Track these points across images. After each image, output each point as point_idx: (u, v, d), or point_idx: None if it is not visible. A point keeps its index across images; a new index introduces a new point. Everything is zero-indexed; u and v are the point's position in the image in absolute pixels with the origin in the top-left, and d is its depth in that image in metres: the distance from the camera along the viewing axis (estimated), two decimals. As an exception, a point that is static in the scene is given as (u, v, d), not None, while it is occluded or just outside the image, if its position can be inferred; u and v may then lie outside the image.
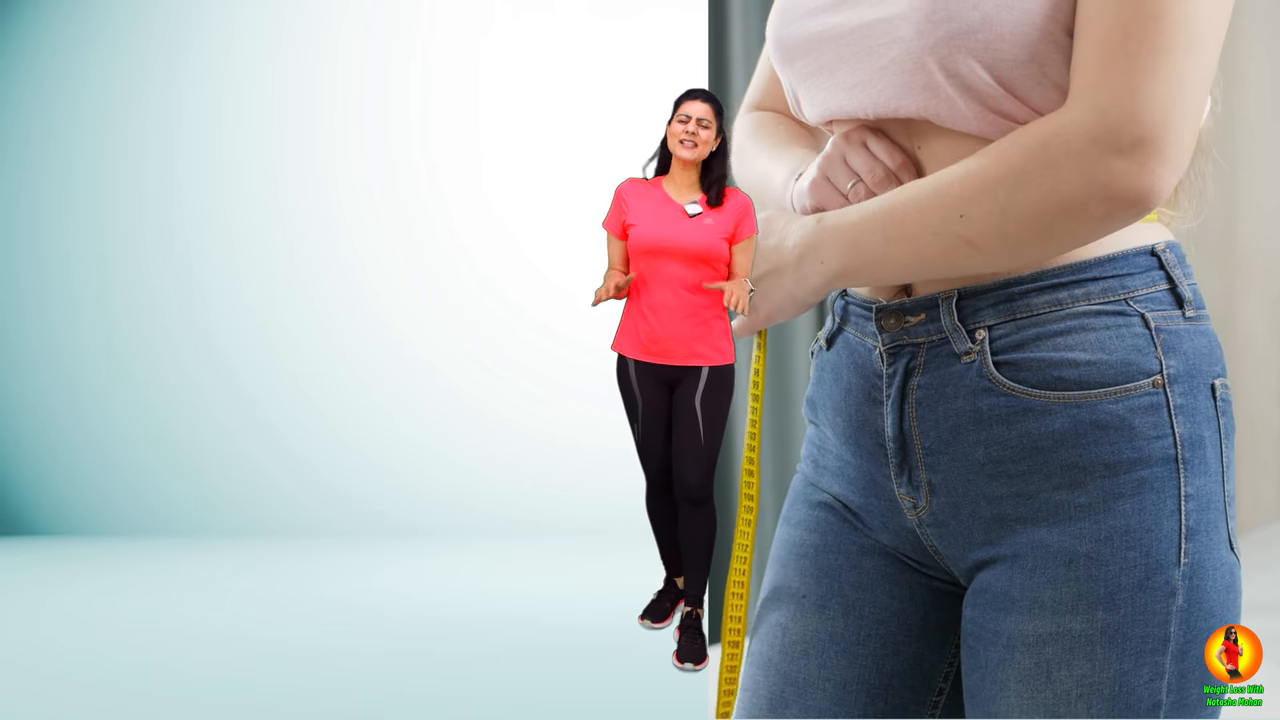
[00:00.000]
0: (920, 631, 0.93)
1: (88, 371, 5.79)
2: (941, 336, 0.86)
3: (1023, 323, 0.83)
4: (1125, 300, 0.82)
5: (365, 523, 5.48)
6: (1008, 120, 0.81)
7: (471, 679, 2.70)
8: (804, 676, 0.95)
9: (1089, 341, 0.82)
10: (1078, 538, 0.81)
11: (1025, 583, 0.82)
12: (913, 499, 0.89)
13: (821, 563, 0.96)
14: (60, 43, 5.84)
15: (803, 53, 0.91)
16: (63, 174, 5.84)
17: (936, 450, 0.87)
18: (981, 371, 0.84)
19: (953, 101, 0.81)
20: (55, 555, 4.80)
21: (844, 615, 0.94)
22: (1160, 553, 0.79)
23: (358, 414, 5.71)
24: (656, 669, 2.74)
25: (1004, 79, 0.80)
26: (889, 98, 0.85)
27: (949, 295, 0.86)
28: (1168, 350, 0.82)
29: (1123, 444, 0.81)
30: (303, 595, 3.82)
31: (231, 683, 2.68)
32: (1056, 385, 0.82)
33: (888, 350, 0.89)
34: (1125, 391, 0.81)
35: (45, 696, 2.57)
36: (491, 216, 5.75)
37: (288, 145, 5.81)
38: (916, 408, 0.87)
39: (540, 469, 5.54)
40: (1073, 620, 0.80)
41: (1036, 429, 0.82)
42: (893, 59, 0.83)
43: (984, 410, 0.84)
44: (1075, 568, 0.81)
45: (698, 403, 2.73)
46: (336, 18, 5.82)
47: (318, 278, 5.78)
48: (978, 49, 0.79)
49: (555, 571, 4.28)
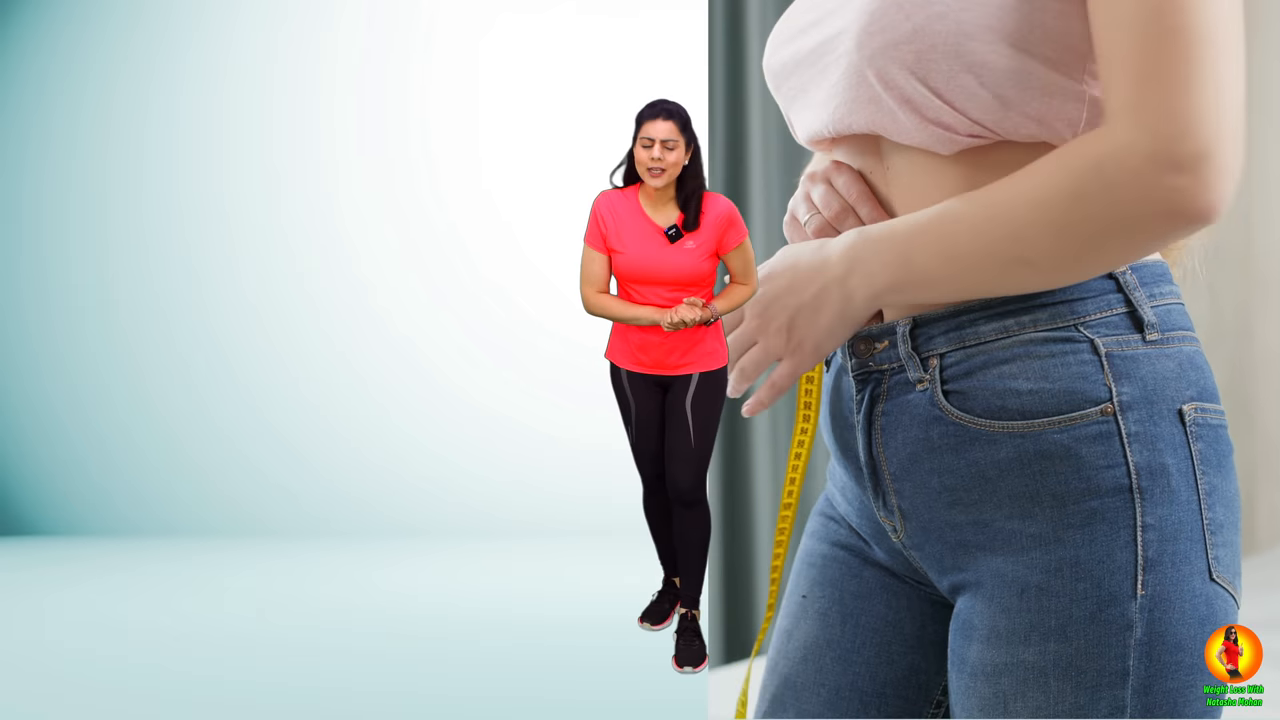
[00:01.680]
0: (916, 643, 0.94)
1: (88, 371, 5.79)
2: (899, 364, 0.87)
3: (971, 350, 0.83)
4: (1074, 326, 0.81)
5: (365, 523, 5.48)
6: (948, 132, 0.80)
7: (471, 679, 2.70)
8: (801, 680, 0.96)
9: (1033, 370, 0.81)
10: (1029, 567, 0.80)
11: (984, 611, 0.82)
12: (891, 522, 0.90)
13: (827, 572, 0.97)
14: (60, 43, 5.84)
15: (785, 77, 0.93)
16: (63, 174, 5.84)
17: (900, 477, 0.87)
18: (933, 400, 0.84)
19: (895, 114, 0.82)
20: (55, 555, 4.80)
21: (842, 623, 0.95)
22: (1113, 585, 0.78)
23: (357, 414, 5.71)
24: (656, 669, 2.74)
25: (938, 90, 0.79)
26: (842, 114, 0.86)
27: (905, 323, 0.86)
28: (1119, 377, 0.80)
29: (1070, 474, 0.79)
30: (302, 595, 3.82)
31: (231, 683, 2.67)
32: (1001, 414, 0.81)
33: (856, 377, 0.90)
34: (1071, 421, 0.80)
35: (45, 696, 2.57)
36: (491, 216, 5.75)
37: (287, 145, 5.81)
38: (882, 434, 0.88)
39: (540, 469, 5.54)
40: (1025, 651, 0.80)
41: (983, 458, 0.82)
42: (840, 74, 0.85)
43: (935, 439, 0.84)
44: (1027, 598, 0.80)
45: (688, 406, 2.72)
46: (336, 18, 5.81)
47: (318, 277, 5.78)
48: (909, 60, 0.79)
49: (555, 572, 4.28)
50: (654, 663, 2.79)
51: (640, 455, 2.88)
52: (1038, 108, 0.80)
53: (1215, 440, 0.82)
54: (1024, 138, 0.80)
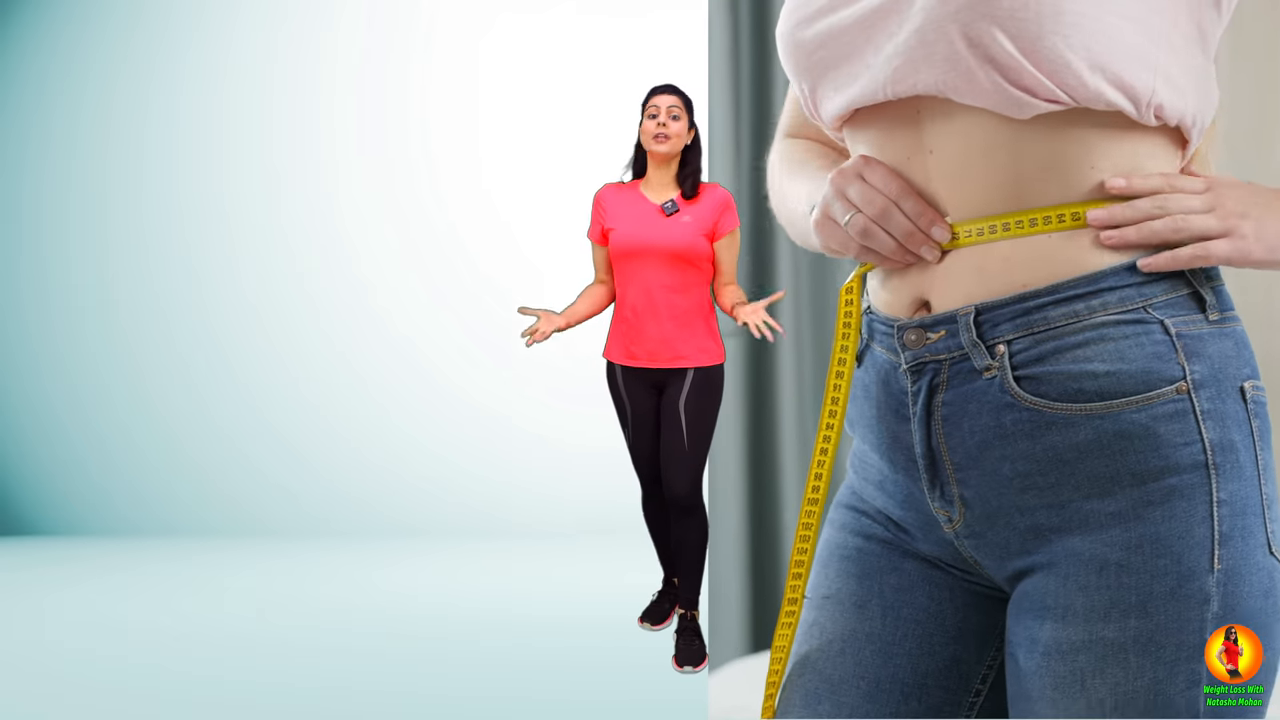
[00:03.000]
0: (958, 634, 0.93)
1: (88, 371, 5.79)
2: (962, 353, 0.86)
3: (1041, 336, 0.83)
4: (1143, 308, 0.82)
5: (365, 523, 5.48)
6: (1027, 94, 0.79)
7: (471, 679, 2.70)
8: (839, 675, 0.95)
9: (1108, 352, 0.81)
10: (1109, 545, 0.81)
11: (1059, 590, 0.83)
12: (947, 513, 0.89)
13: (863, 564, 0.96)
14: (60, 43, 5.84)
15: (820, 45, 0.90)
16: (63, 174, 5.84)
17: (965, 465, 0.87)
18: (1003, 387, 0.84)
19: (972, 73, 0.80)
20: (55, 555, 4.80)
21: (882, 616, 0.94)
22: (1192, 560, 0.79)
23: (357, 414, 5.71)
24: (656, 669, 2.74)
25: (1027, 50, 0.78)
26: (906, 73, 0.84)
27: (967, 311, 0.85)
28: (1190, 355, 0.81)
29: (1149, 453, 0.80)
30: (302, 595, 3.82)
31: (231, 683, 2.67)
32: (1077, 397, 0.81)
33: (910, 367, 0.89)
34: (1148, 400, 0.80)
35: (45, 696, 2.57)
36: (491, 216, 5.75)
37: (287, 145, 5.81)
38: (943, 424, 0.87)
39: (540, 470, 5.54)
40: (1105, 628, 0.80)
41: (1061, 442, 0.82)
42: (913, 31, 0.82)
43: (1008, 425, 0.84)
44: (1107, 575, 0.80)
45: (682, 406, 2.70)
46: (336, 18, 5.81)
47: (318, 277, 5.78)
48: (1001, 16, 0.78)
49: (555, 572, 4.27)
50: (654, 663, 2.79)
51: (637, 457, 2.87)
52: (1121, 75, 0.79)
53: (1266, 417, 0.84)
54: (1103, 106, 0.80)
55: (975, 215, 0.85)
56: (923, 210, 0.86)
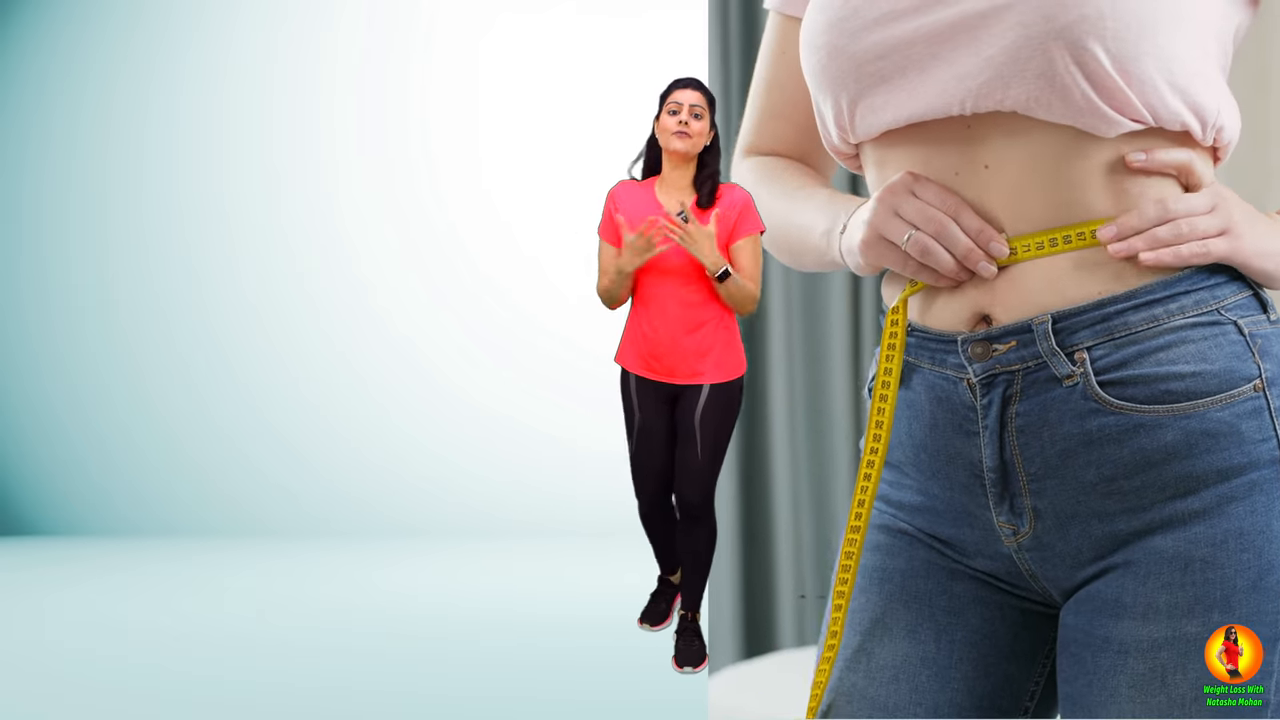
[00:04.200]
0: (1011, 652, 0.94)
1: (88, 371, 5.79)
2: (1039, 362, 0.86)
3: (1121, 341, 0.84)
4: (1217, 310, 0.84)
5: (365, 523, 5.48)
6: (1118, 113, 0.81)
7: (471, 679, 2.70)
8: (894, 703, 0.94)
9: (1191, 353, 0.83)
10: (1193, 543, 0.82)
11: (1138, 589, 0.83)
12: (1013, 525, 0.89)
13: (910, 588, 0.95)
14: (60, 43, 5.85)
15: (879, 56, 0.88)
16: (63, 174, 5.84)
17: (1042, 475, 0.87)
18: (1086, 393, 0.85)
19: (1068, 91, 0.81)
20: (55, 555, 4.80)
21: (936, 639, 0.94)
22: (1273, 552, 0.81)
23: (357, 414, 5.71)
24: (656, 669, 2.74)
25: (1122, 70, 0.80)
26: (994, 88, 0.83)
27: (1043, 320, 0.86)
28: (1263, 354, 0.84)
29: (1233, 449, 0.82)
30: (302, 595, 3.82)
31: (231, 683, 2.67)
32: (1165, 399, 0.83)
33: (980, 381, 0.88)
34: (1230, 398, 0.83)
35: (45, 696, 2.57)
36: (491, 216, 5.75)
37: (287, 145, 5.81)
38: (1018, 435, 0.87)
39: (540, 469, 5.54)
40: (1189, 624, 0.81)
41: (1149, 444, 0.83)
42: (1005, 47, 0.82)
43: (1094, 431, 0.84)
44: (1191, 572, 0.82)
45: (697, 420, 2.62)
46: (336, 18, 5.82)
47: (318, 277, 5.78)
48: (1105, 35, 0.79)
49: (555, 572, 4.28)
50: (654, 663, 2.79)
51: (638, 469, 2.75)
52: (1195, 97, 0.82)
53: None
54: (1178, 127, 0.83)
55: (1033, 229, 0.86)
56: (982, 227, 0.87)
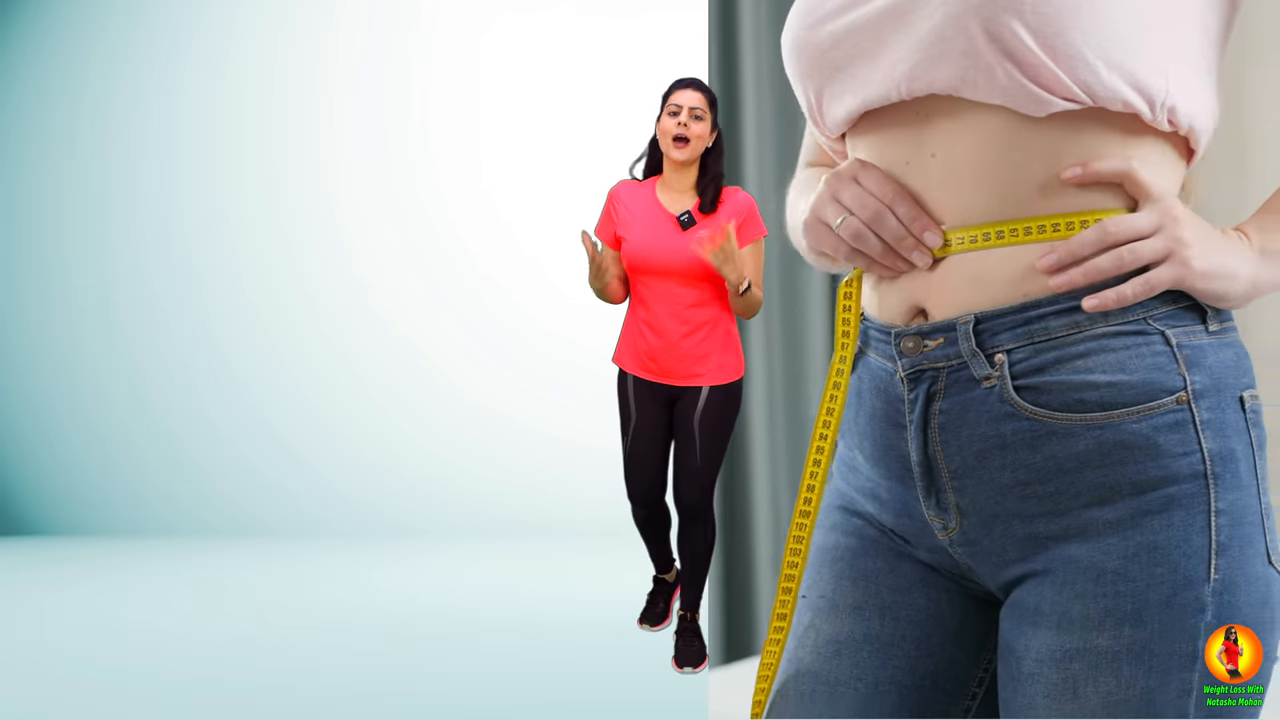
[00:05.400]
0: (956, 635, 0.93)
1: (88, 371, 5.79)
2: (960, 361, 0.85)
3: (1041, 346, 0.83)
4: (1144, 319, 0.82)
5: (365, 523, 5.48)
6: (1045, 90, 0.79)
7: (471, 679, 2.70)
8: (835, 676, 0.94)
9: (1109, 363, 0.81)
10: (1106, 553, 0.81)
11: (1055, 598, 0.83)
12: (942, 520, 0.89)
13: (859, 566, 0.96)
14: (60, 43, 5.84)
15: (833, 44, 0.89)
16: (63, 174, 5.84)
17: (962, 474, 0.86)
18: (1003, 396, 0.84)
19: (991, 69, 0.80)
20: (55, 555, 4.80)
21: (880, 617, 0.94)
22: (1189, 569, 0.79)
23: (357, 414, 5.71)
24: (656, 669, 2.74)
25: (1047, 46, 0.78)
26: (923, 70, 0.83)
27: (966, 320, 0.85)
28: (1191, 366, 0.81)
29: (1148, 463, 0.80)
30: (302, 595, 3.82)
31: (231, 683, 2.67)
32: (1078, 407, 0.82)
33: (908, 375, 0.88)
34: (1148, 410, 0.81)
35: (45, 696, 2.57)
36: (491, 216, 5.75)
37: (287, 145, 5.81)
38: (939, 432, 0.87)
39: (540, 469, 5.54)
40: (1100, 636, 0.80)
41: (1061, 451, 0.82)
42: (932, 27, 0.82)
43: (1007, 435, 0.84)
44: (1103, 583, 0.80)
45: (696, 422, 2.62)
46: (336, 18, 5.81)
47: (318, 278, 5.78)
48: (1024, 11, 0.78)
49: (555, 572, 4.28)
50: (654, 663, 2.79)
51: (631, 470, 2.74)
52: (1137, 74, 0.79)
53: (1263, 427, 0.85)
54: (1119, 106, 0.80)
55: (973, 222, 0.84)
56: (916, 215, 0.86)
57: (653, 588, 3.09)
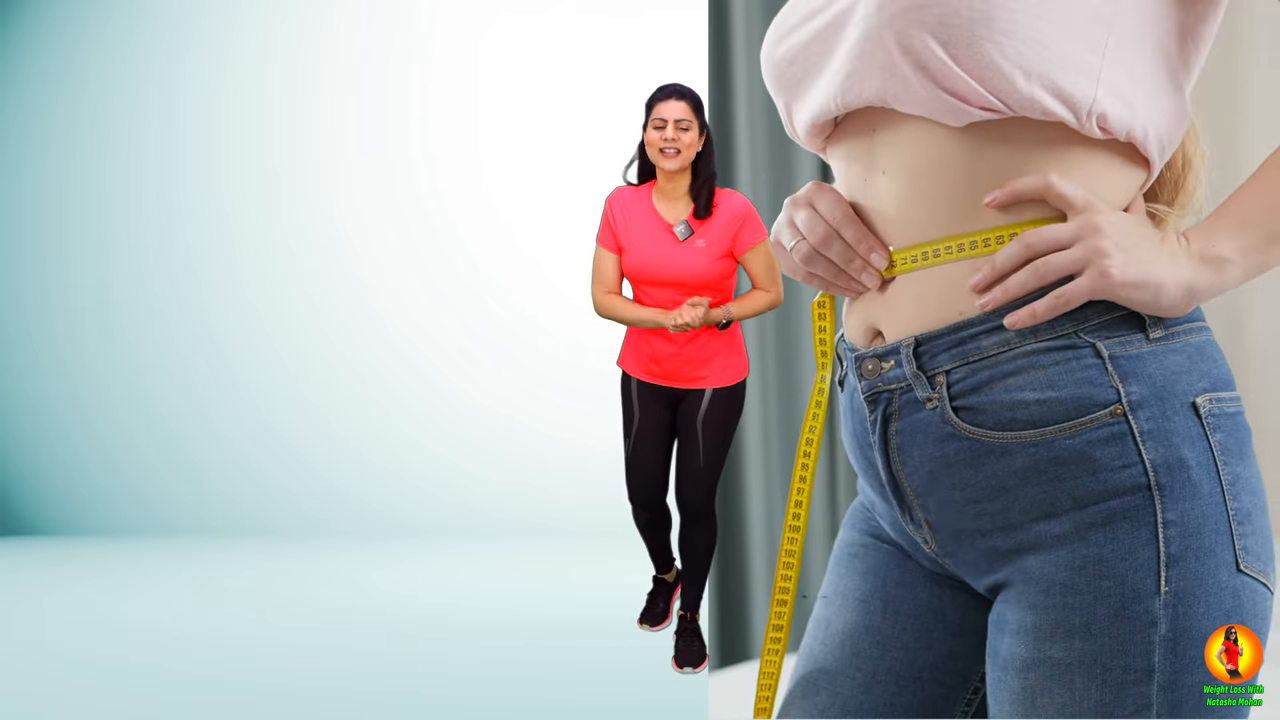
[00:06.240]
0: (958, 629, 0.93)
1: (88, 371, 5.79)
2: (907, 383, 0.86)
3: (975, 365, 0.83)
4: (1075, 333, 0.80)
5: (365, 523, 5.48)
6: (960, 100, 0.78)
7: (471, 679, 2.70)
8: (836, 665, 0.95)
9: (1039, 379, 0.80)
10: (1055, 565, 0.80)
11: (1014, 608, 0.83)
12: (920, 534, 0.90)
13: (869, 560, 0.97)
14: (60, 43, 5.84)
15: (790, 61, 0.90)
16: (63, 174, 5.84)
17: (923, 492, 0.87)
18: (944, 417, 0.84)
19: (908, 80, 0.80)
20: (55, 555, 4.80)
21: (883, 609, 0.95)
22: (1136, 582, 0.78)
23: (357, 414, 5.71)
24: (656, 669, 2.74)
25: (957, 56, 0.77)
26: (852, 83, 0.83)
27: (909, 342, 0.85)
28: (1126, 377, 0.80)
29: (1086, 478, 0.79)
30: (302, 595, 3.82)
31: (231, 683, 2.67)
32: (1011, 426, 0.81)
33: (867, 397, 0.89)
34: (1081, 425, 0.79)
35: (45, 696, 2.57)
36: (491, 216, 5.75)
37: (287, 145, 5.81)
38: (898, 453, 0.88)
39: (540, 469, 5.54)
40: (1052, 648, 0.80)
41: (1001, 470, 0.82)
42: (855, 41, 0.82)
43: (950, 455, 0.84)
44: (1053, 595, 0.80)
45: (699, 423, 2.62)
46: (336, 18, 5.82)
47: (318, 278, 5.78)
48: (931, 22, 0.77)
49: (555, 572, 4.28)
50: (654, 663, 2.79)
51: (632, 473, 2.74)
52: (1058, 82, 0.78)
53: (1234, 428, 0.82)
54: (1039, 114, 0.78)
55: (914, 240, 0.84)
56: (863, 237, 0.87)
57: (653, 588, 3.09)
